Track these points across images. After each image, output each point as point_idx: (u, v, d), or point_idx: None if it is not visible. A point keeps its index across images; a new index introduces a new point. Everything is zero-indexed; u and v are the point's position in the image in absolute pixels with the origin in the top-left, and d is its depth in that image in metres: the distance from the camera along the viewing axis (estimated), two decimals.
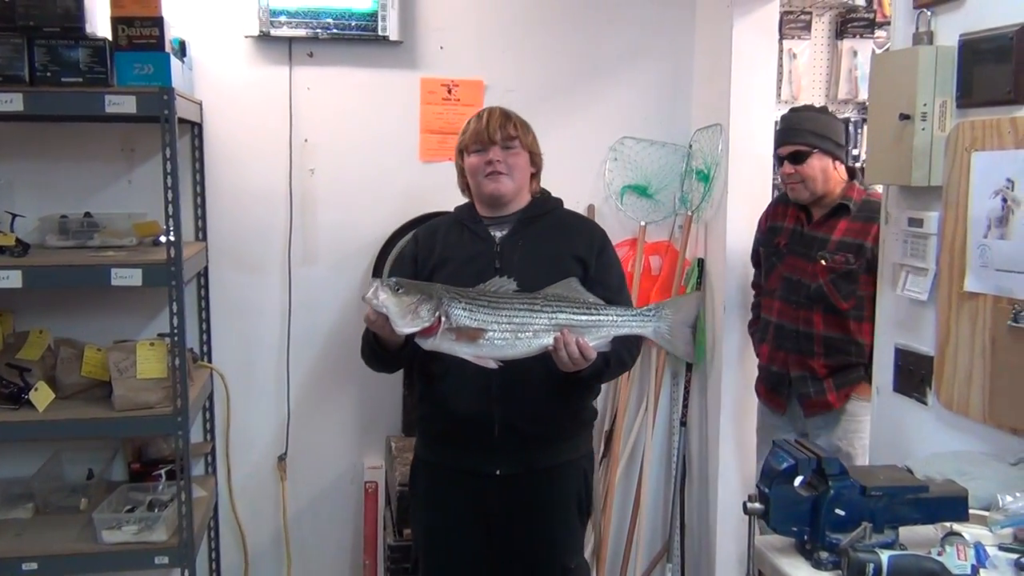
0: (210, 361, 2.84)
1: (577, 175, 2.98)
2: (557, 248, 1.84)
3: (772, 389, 2.40)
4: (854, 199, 2.29)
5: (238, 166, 2.81)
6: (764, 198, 2.85)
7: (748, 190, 2.83)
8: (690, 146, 3.01)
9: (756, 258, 2.62)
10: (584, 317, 1.64)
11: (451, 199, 2.06)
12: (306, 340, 2.92)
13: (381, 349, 1.77)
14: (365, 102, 2.87)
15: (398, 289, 1.56)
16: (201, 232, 2.81)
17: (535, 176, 1.92)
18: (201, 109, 2.75)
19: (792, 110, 2.43)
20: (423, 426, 1.94)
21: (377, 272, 2.76)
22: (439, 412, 1.85)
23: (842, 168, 2.33)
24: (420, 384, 1.92)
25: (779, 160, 2.33)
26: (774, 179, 2.85)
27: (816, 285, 2.21)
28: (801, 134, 2.28)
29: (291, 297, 2.89)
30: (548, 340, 1.62)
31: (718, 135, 2.83)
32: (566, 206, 2.01)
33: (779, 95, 3.05)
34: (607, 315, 1.67)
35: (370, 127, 2.88)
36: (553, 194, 1.99)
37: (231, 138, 2.79)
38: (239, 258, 2.85)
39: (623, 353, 1.79)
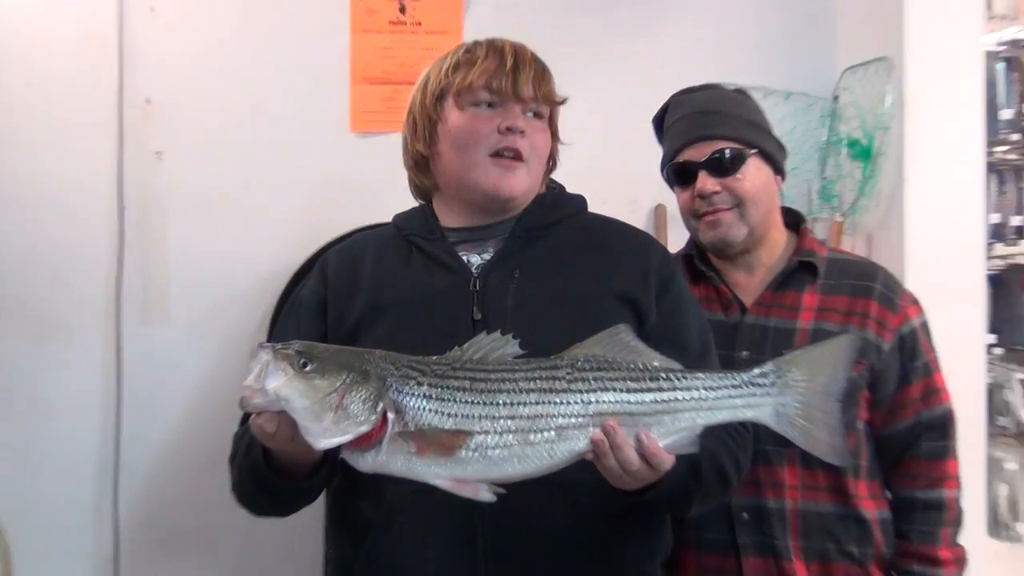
0: None
1: (636, 156, 2.84)
2: (582, 281, 1.84)
3: None
4: (818, 254, 2.20)
5: (25, 148, 2.80)
6: (975, 189, 2.86)
7: (944, 173, 2.84)
8: (835, 98, 3.05)
9: None
10: (648, 396, 1.60)
11: (406, 199, 2.02)
12: (148, 460, 2.87)
13: (277, 478, 1.71)
14: (254, 31, 2.88)
15: (305, 364, 1.52)
16: None
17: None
18: None
19: (686, 92, 2.28)
20: None
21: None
22: None
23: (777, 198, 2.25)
24: (343, 538, 1.89)
25: (679, 175, 2.20)
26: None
27: None
28: (729, 122, 2.15)
29: (121, 383, 2.84)
30: (583, 443, 1.57)
31: (885, 78, 2.86)
32: (617, 206, 2.09)
33: (989, 6, 3.11)
34: (689, 388, 1.63)
35: (262, 76, 2.88)
36: (581, 191, 2.00)
37: (13, 98, 2.78)
38: (25, 313, 2.82)
39: (721, 456, 1.75)
